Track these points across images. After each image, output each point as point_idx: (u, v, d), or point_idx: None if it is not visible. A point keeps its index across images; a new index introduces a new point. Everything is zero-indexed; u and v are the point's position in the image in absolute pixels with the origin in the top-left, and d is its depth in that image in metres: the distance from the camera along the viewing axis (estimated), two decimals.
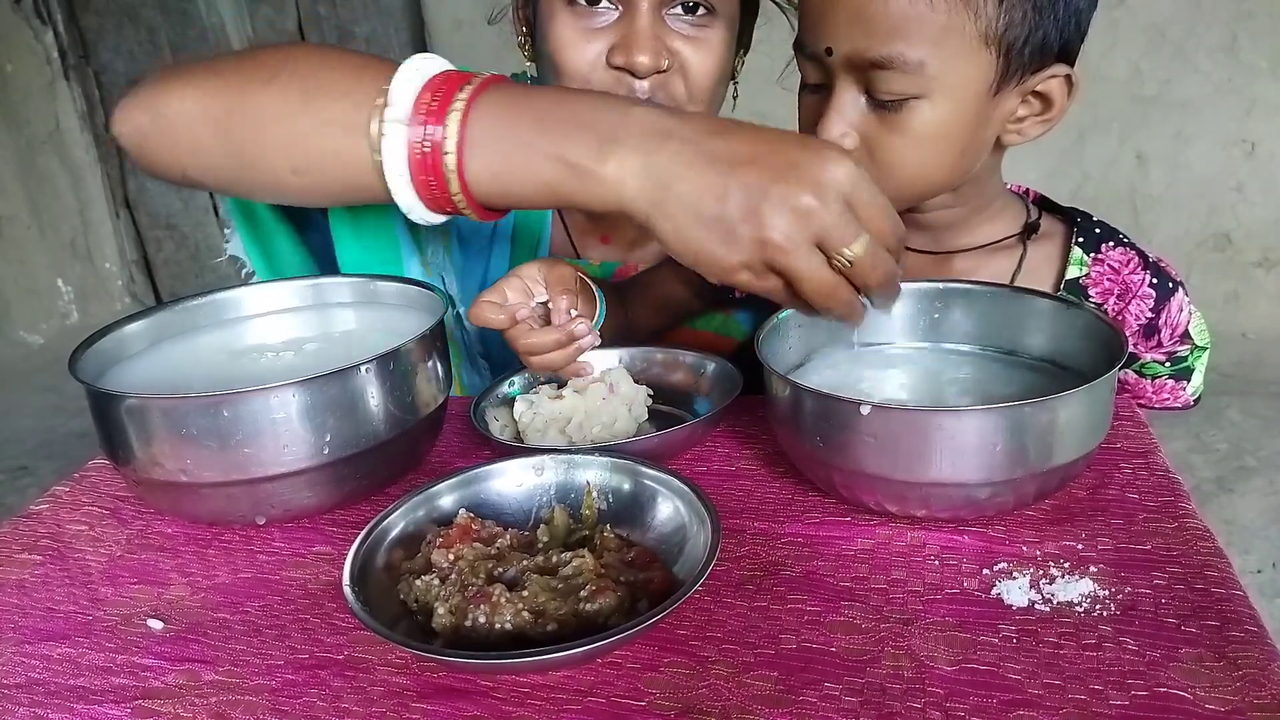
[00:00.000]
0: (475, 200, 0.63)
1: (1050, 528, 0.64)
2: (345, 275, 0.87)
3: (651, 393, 0.84)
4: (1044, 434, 0.60)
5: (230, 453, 0.65)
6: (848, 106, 0.76)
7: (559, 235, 1.07)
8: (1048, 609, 0.56)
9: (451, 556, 0.59)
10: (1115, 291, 0.88)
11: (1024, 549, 0.62)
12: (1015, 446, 0.60)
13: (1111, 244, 0.89)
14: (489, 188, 0.62)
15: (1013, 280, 0.88)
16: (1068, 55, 0.76)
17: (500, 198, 0.63)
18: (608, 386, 0.81)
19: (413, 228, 0.94)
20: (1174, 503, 0.66)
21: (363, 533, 0.60)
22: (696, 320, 1.07)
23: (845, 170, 0.57)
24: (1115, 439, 0.74)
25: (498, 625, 0.54)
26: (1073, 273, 0.89)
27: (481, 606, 0.54)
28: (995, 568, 0.60)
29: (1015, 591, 0.58)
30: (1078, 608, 0.56)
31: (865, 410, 0.60)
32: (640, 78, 0.86)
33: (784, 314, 0.77)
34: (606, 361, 0.88)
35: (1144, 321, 0.88)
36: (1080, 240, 0.89)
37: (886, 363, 0.80)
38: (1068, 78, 0.76)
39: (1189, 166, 3.08)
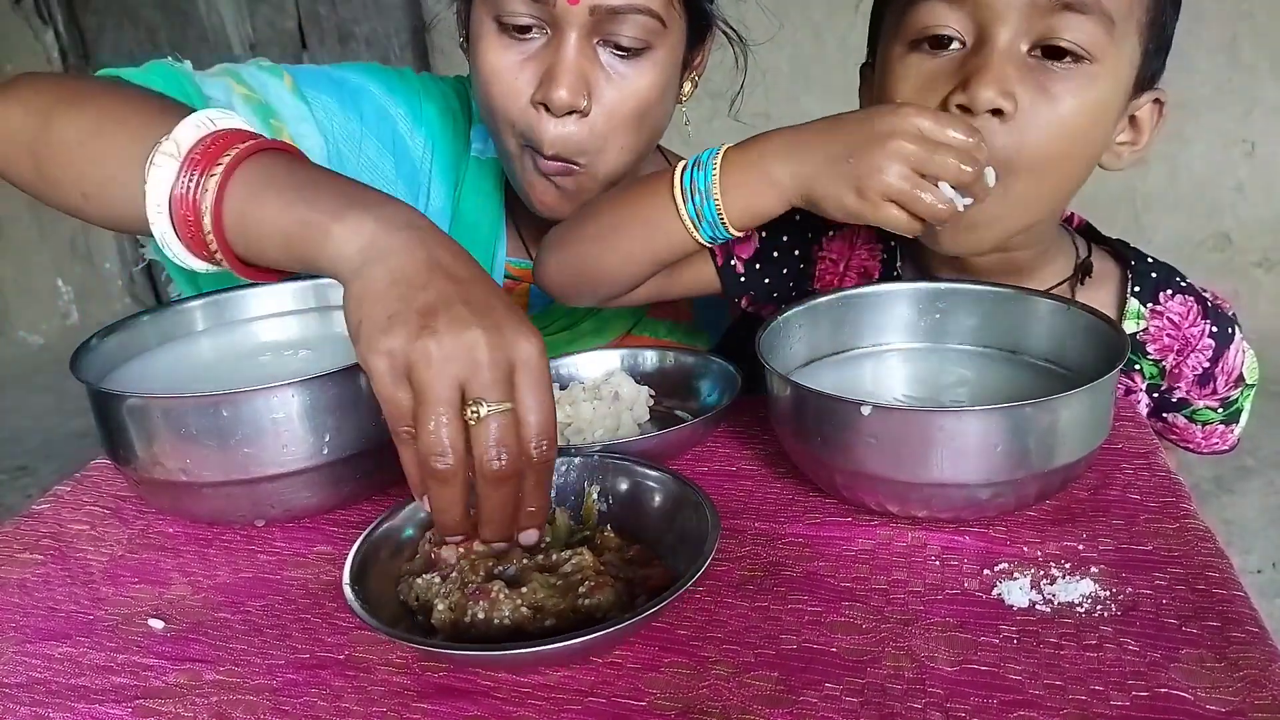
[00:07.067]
0: (226, 242, 0.63)
1: (1051, 528, 0.64)
2: None
3: (653, 393, 0.84)
4: (1045, 435, 0.60)
5: (230, 452, 0.65)
6: (1008, 62, 0.68)
7: (511, 237, 1.04)
8: (1048, 609, 0.56)
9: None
10: (1175, 348, 0.83)
11: (1025, 549, 0.62)
12: (1016, 447, 0.60)
13: (1169, 291, 0.83)
14: (236, 232, 0.63)
15: None
16: (1153, 81, 0.77)
17: (243, 242, 0.63)
18: (613, 395, 0.80)
19: None
20: (1175, 503, 0.66)
21: (364, 533, 0.60)
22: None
23: (534, 348, 0.54)
24: (1116, 440, 0.74)
25: (496, 621, 0.54)
26: (1130, 327, 0.83)
27: (481, 603, 0.54)
28: (996, 568, 0.60)
29: (1016, 592, 0.58)
30: (1079, 608, 0.56)
31: (866, 411, 0.60)
32: (556, 115, 0.82)
33: (785, 314, 0.76)
34: (607, 363, 0.88)
35: (1200, 372, 0.84)
36: (1136, 290, 0.83)
37: (887, 363, 0.80)
38: (1157, 101, 0.76)
39: (1189, 166, 3.08)
